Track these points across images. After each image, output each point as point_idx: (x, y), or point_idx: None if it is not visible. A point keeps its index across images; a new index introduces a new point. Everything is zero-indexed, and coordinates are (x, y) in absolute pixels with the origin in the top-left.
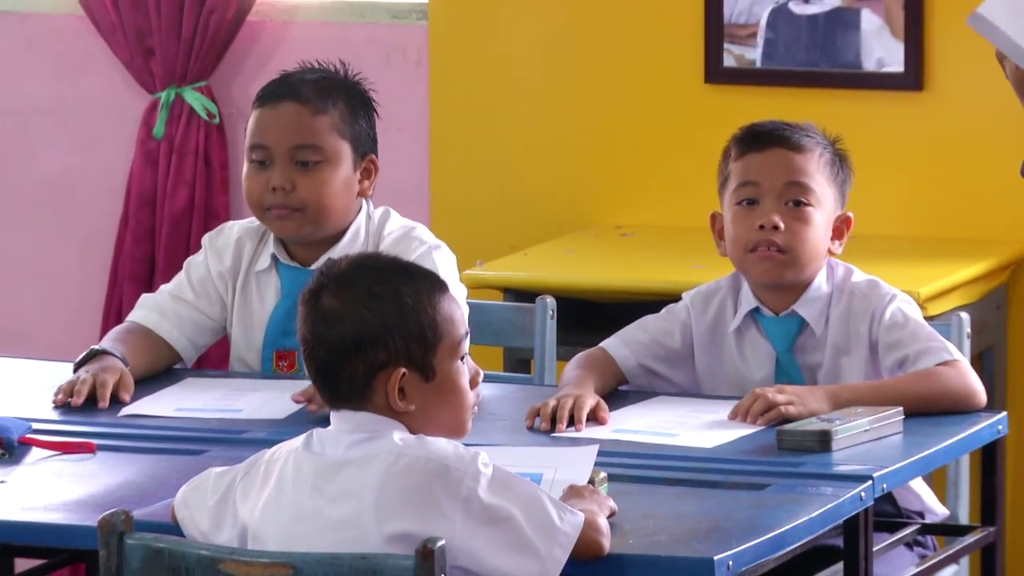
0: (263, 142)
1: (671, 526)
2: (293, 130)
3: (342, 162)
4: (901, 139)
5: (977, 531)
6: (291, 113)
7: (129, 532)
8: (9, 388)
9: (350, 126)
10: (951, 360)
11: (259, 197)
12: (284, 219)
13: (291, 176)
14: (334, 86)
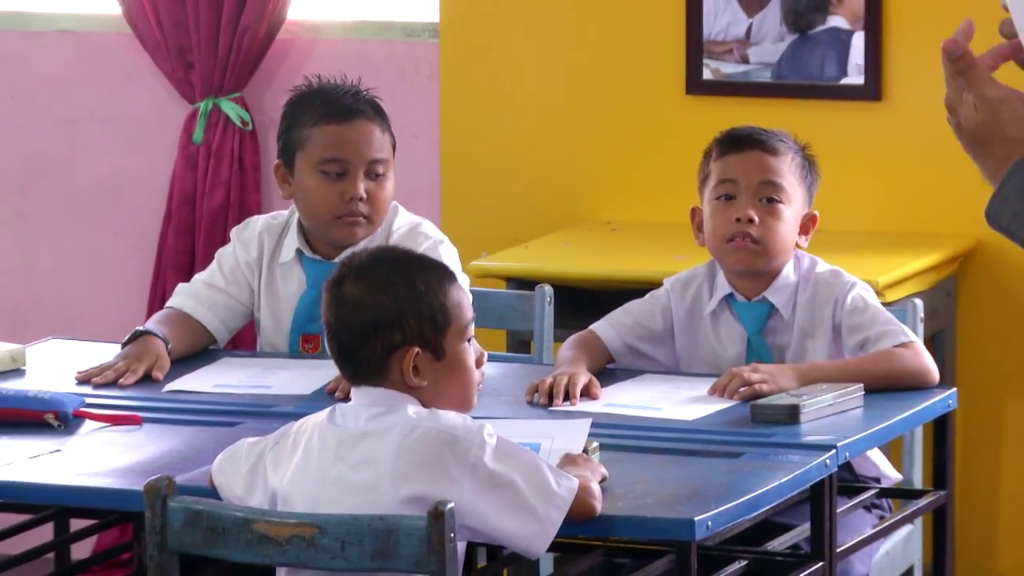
0: (341, 155)
1: (656, 490)
2: (369, 145)
3: (392, 172)
4: (862, 144)
5: (929, 495)
6: (367, 130)
7: (171, 496)
8: (65, 366)
9: (393, 142)
10: (907, 342)
11: (333, 206)
12: (355, 226)
13: (367, 187)
14: (375, 104)
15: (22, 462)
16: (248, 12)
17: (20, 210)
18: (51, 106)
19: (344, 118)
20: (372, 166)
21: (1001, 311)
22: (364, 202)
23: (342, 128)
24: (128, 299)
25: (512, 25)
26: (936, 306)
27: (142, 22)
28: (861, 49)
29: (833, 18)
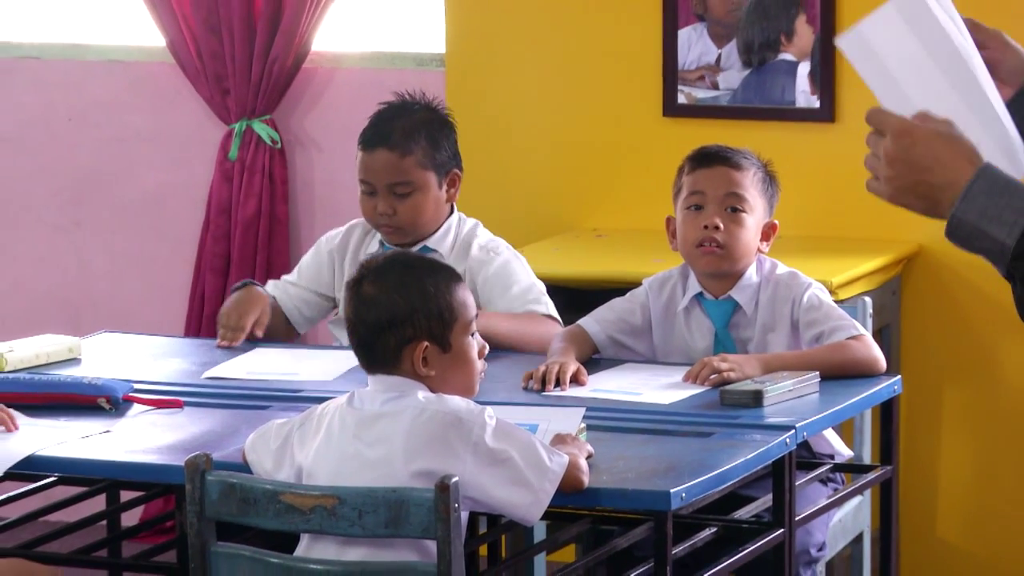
0: (367, 179)
1: (637, 466)
2: (387, 171)
3: (430, 187)
4: (817, 160)
5: (877, 470)
6: (384, 158)
7: (209, 470)
8: (115, 356)
9: (432, 158)
10: (857, 335)
11: (370, 216)
12: (390, 234)
13: (392, 204)
14: (416, 127)
15: (76, 441)
16: (277, 44)
17: (76, 219)
18: (103, 127)
19: (368, 147)
20: (393, 187)
21: (940, 308)
22: (392, 216)
23: (366, 156)
24: (171, 297)
25: (510, 56)
26: (883, 303)
27: (184, 53)
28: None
29: (784, 53)
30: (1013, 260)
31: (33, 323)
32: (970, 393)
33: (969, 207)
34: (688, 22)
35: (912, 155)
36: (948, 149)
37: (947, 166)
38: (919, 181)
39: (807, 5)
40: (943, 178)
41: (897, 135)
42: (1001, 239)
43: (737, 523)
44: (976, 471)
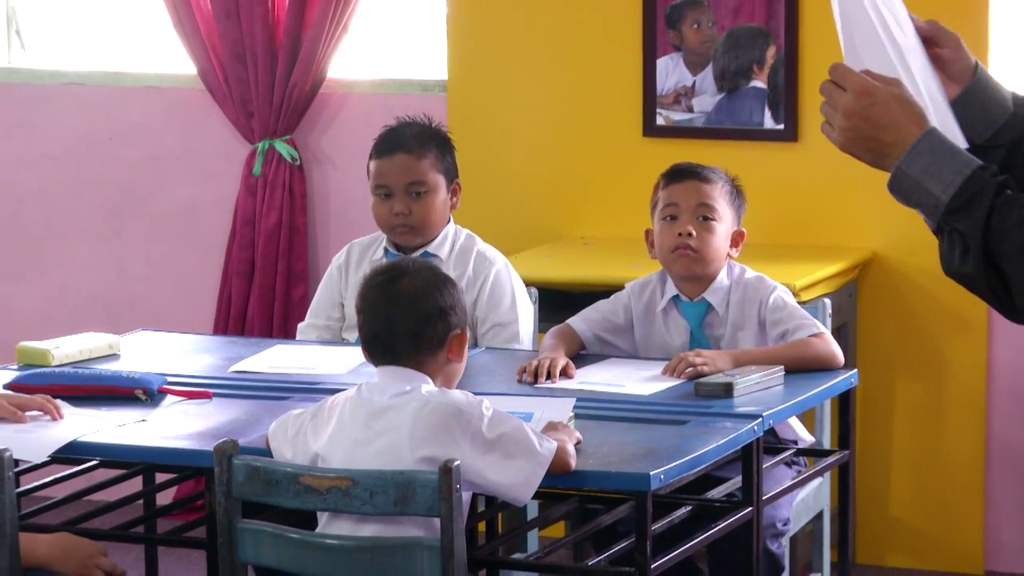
0: (385, 182)
1: (619, 450)
2: (405, 171)
3: (440, 190)
4: (782, 176)
5: (836, 454)
6: (402, 160)
7: (235, 455)
8: (151, 352)
9: (442, 163)
10: (818, 332)
11: (386, 219)
12: (405, 234)
13: (408, 204)
14: (427, 136)
15: (115, 428)
16: (296, 71)
17: (116, 229)
18: (140, 146)
19: (386, 153)
20: (411, 187)
21: (892, 308)
22: (407, 216)
23: (384, 161)
24: (201, 299)
25: (505, 82)
26: (841, 304)
27: (213, 79)
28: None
29: (754, 81)
30: (945, 215)
31: (77, 322)
32: (919, 385)
33: (913, 162)
34: (666, 52)
35: (870, 113)
36: (902, 111)
37: (899, 126)
38: (872, 137)
39: (775, 37)
40: (894, 136)
41: (859, 93)
42: (937, 194)
43: (710, 502)
44: (924, 455)
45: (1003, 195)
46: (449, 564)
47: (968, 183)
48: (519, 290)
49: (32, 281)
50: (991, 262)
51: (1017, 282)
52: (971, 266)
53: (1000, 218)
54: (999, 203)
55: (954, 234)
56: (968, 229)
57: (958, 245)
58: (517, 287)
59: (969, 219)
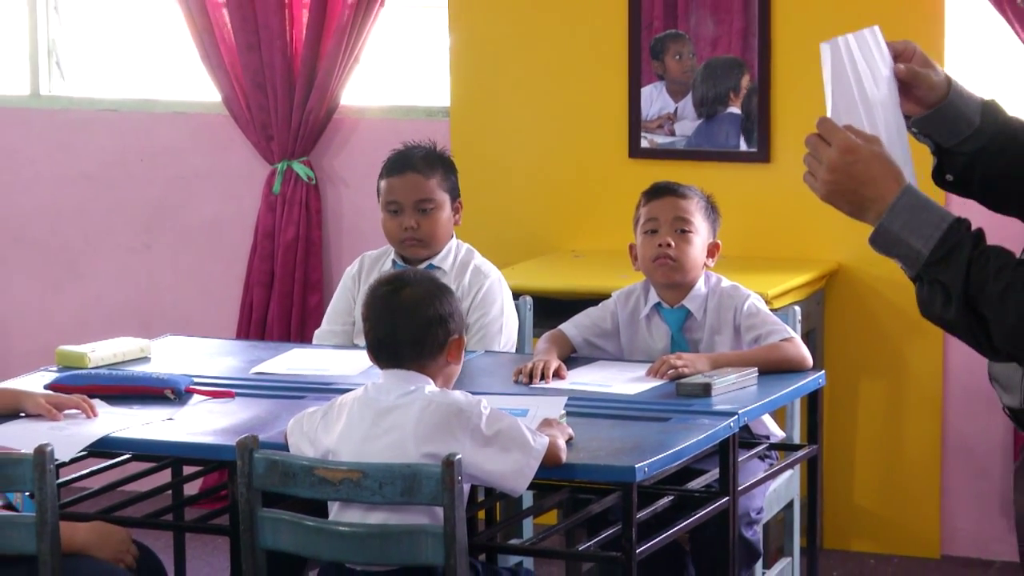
0: (395, 199)
1: (607, 445)
2: (414, 189)
3: (445, 207)
4: (756, 194)
5: (805, 448)
6: (412, 179)
7: (256, 449)
8: (178, 355)
9: (447, 182)
10: (789, 337)
11: (395, 233)
12: (413, 247)
13: (417, 219)
14: (433, 158)
15: (146, 425)
16: (312, 99)
17: (147, 243)
18: (169, 166)
19: (396, 172)
20: (419, 204)
21: (856, 315)
22: (416, 230)
23: (394, 180)
24: (224, 307)
25: (504, 108)
26: (810, 311)
27: (236, 106)
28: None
29: (730, 107)
30: (926, 266)
31: (111, 328)
32: (881, 385)
33: (894, 219)
34: (650, 81)
35: (853, 169)
36: (881, 169)
37: (879, 183)
38: (853, 191)
39: (749, 68)
40: (874, 192)
41: (843, 150)
42: (918, 248)
43: (690, 492)
44: (885, 448)
45: (979, 246)
46: (451, 549)
47: (947, 236)
48: (507, 301)
49: (70, 290)
50: (970, 308)
51: (996, 326)
52: (953, 313)
53: (979, 269)
54: (976, 255)
55: (935, 283)
56: (949, 279)
57: (939, 293)
58: (506, 298)
59: (950, 270)
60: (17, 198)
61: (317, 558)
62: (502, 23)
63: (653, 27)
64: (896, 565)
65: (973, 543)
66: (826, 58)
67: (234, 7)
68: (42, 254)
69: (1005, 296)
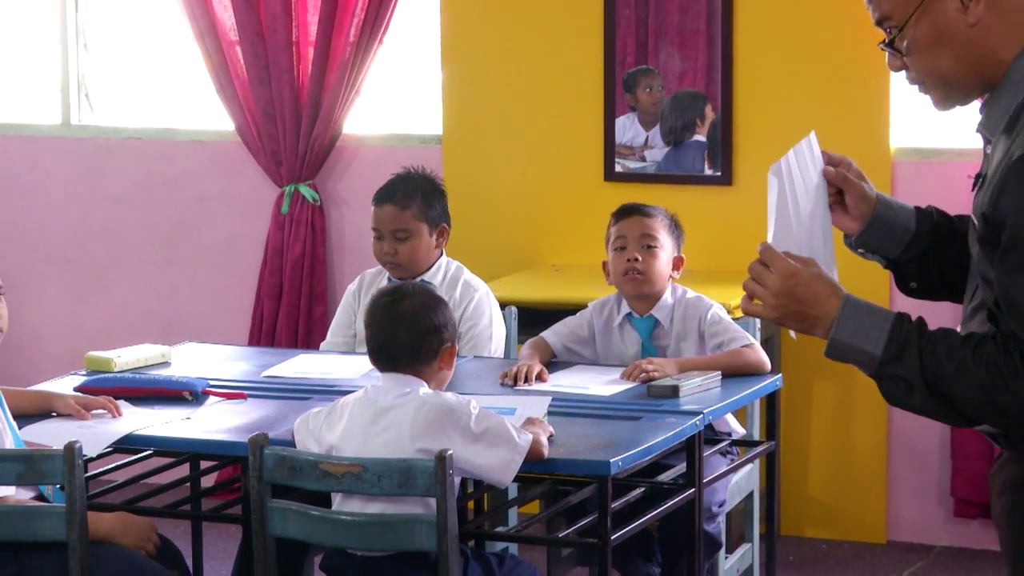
0: (377, 226)
1: (585, 441)
2: (391, 220)
3: (422, 235)
4: (719, 213)
5: (764, 444)
6: (389, 210)
7: (266, 446)
8: (196, 361)
9: (425, 213)
10: (749, 343)
11: (379, 256)
12: (393, 269)
13: (394, 246)
14: (415, 188)
15: (166, 423)
16: (317, 128)
17: (167, 259)
18: (188, 189)
19: (378, 203)
20: (395, 232)
21: None
22: (394, 255)
23: (377, 209)
24: (237, 317)
25: (491, 137)
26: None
27: (248, 134)
28: (719, 151)
29: (696, 135)
30: (882, 364)
31: (135, 336)
32: (832, 387)
33: (842, 330)
34: (623, 112)
35: (796, 292)
36: (821, 288)
37: (821, 301)
38: (799, 311)
39: (713, 99)
40: (818, 310)
41: (784, 276)
42: (871, 351)
43: (660, 484)
44: (837, 444)
45: (925, 335)
46: (443, 536)
47: (893, 334)
48: (495, 312)
49: (98, 302)
50: (933, 392)
51: (961, 402)
52: (919, 400)
53: (930, 355)
54: (925, 344)
55: (895, 379)
56: (907, 372)
57: (901, 385)
58: (494, 310)
59: (905, 364)
60: (50, 218)
61: (321, 544)
62: (489, 59)
63: (626, 63)
64: (846, 550)
65: (915, 529)
66: (772, 186)
67: (247, 45)
68: (72, 269)
69: (961, 374)
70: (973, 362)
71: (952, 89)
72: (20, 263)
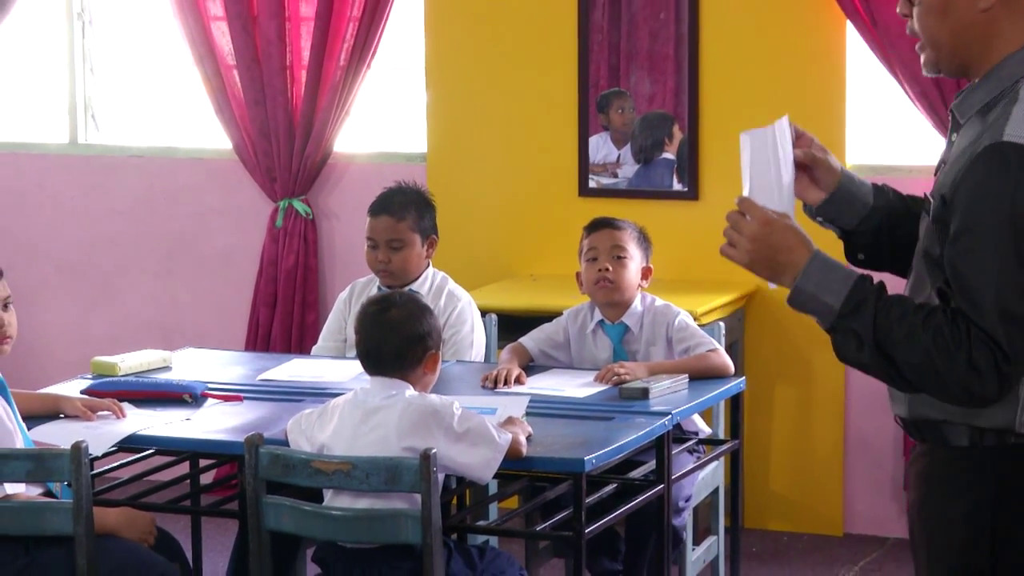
0: (372, 236)
1: (561, 440)
2: (386, 231)
3: (415, 245)
4: (687, 226)
5: (728, 442)
6: (385, 220)
7: (261, 445)
8: (195, 365)
9: (418, 224)
10: (715, 348)
11: (373, 265)
12: (386, 277)
13: (388, 255)
14: (409, 201)
15: (167, 424)
16: (309, 146)
17: (168, 269)
18: (188, 203)
19: (375, 214)
20: (390, 242)
21: (772, 329)
22: (387, 263)
23: (373, 220)
24: (235, 324)
25: (472, 154)
26: (732, 326)
27: (244, 152)
28: (686, 168)
29: (664, 153)
30: (838, 317)
31: (138, 341)
32: (793, 389)
33: (807, 280)
34: (596, 131)
35: (771, 239)
36: (794, 238)
37: (792, 250)
38: (770, 258)
39: (679, 118)
40: (788, 259)
41: (762, 223)
42: (831, 303)
43: (631, 480)
44: (797, 442)
45: (883, 298)
46: (428, 529)
47: (854, 291)
48: (476, 320)
49: (103, 310)
50: (881, 351)
51: (904, 365)
52: (867, 357)
53: (884, 317)
54: (881, 305)
55: (848, 332)
56: (860, 327)
57: (853, 340)
58: (475, 317)
59: (860, 320)
60: (58, 231)
61: (313, 537)
62: (471, 82)
63: (599, 85)
64: (805, 541)
65: (870, 522)
66: (745, 146)
67: (243, 69)
68: (79, 279)
69: (909, 338)
70: (922, 328)
71: (940, 57)
72: (30, 273)
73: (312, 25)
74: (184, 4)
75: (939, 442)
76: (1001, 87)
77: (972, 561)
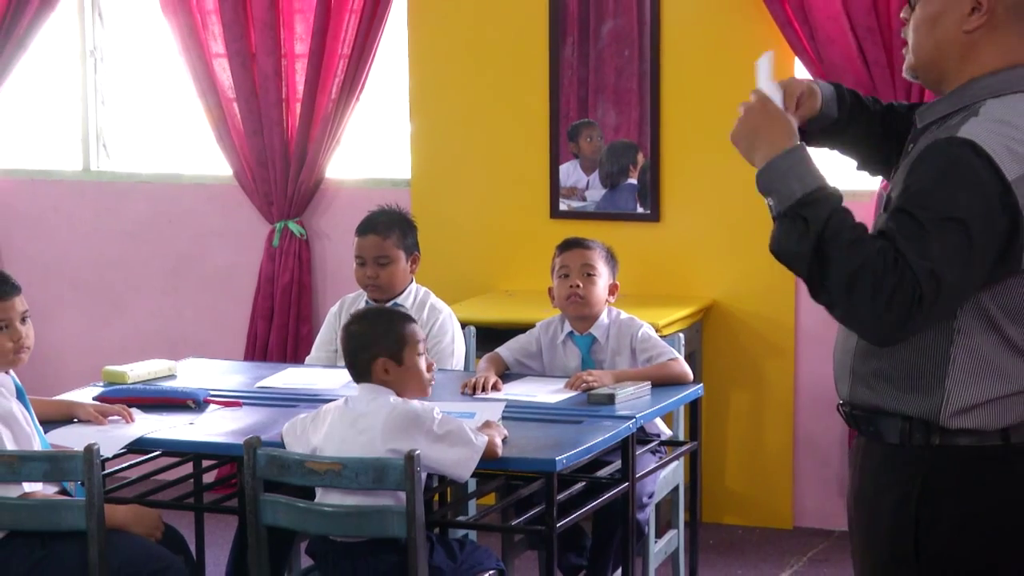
0: (360, 254)
1: (534, 442)
2: (374, 248)
3: (400, 261)
4: (649, 246)
5: (688, 444)
6: (373, 239)
7: (259, 447)
8: (198, 374)
9: (402, 242)
10: (675, 357)
11: (361, 280)
12: (373, 291)
13: (376, 271)
14: (393, 221)
15: (172, 428)
16: (303, 172)
17: (174, 286)
18: (191, 225)
19: (361, 233)
20: (377, 259)
21: (727, 340)
22: (376, 278)
23: (361, 239)
24: (235, 336)
25: (453, 180)
26: (691, 337)
27: (244, 178)
28: (648, 193)
29: (629, 179)
30: (796, 205)
31: (146, 352)
32: (746, 394)
33: (784, 160)
34: (567, 159)
35: (763, 114)
36: (783, 122)
37: (777, 131)
38: (755, 129)
39: (643, 147)
40: (774, 136)
41: (761, 100)
42: (795, 189)
43: (598, 479)
44: (750, 443)
45: (843, 208)
46: (412, 524)
47: (821, 189)
48: (456, 331)
49: (114, 323)
50: (819, 248)
51: (838, 267)
52: (805, 246)
53: (838, 220)
54: (840, 208)
55: (797, 219)
56: (812, 217)
57: (798, 227)
58: (456, 329)
59: (815, 211)
60: (72, 251)
61: (307, 531)
62: (451, 112)
63: (569, 116)
64: (758, 534)
65: (818, 516)
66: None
67: (243, 102)
68: (91, 295)
69: (855, 244)
70: (870, 243)
71: (919, 65)
72: (46, 290)
73: (306, 62)
74: (188, 42)
75: (874, 437)
76: (963, 104)
77: (898, 546)
